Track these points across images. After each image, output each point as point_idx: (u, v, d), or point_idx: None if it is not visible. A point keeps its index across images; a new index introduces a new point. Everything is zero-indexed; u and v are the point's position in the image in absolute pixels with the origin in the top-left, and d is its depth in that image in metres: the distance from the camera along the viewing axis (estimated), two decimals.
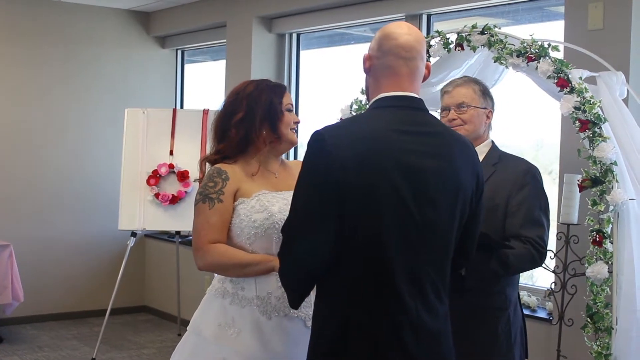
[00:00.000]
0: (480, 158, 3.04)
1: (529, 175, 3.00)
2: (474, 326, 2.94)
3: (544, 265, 3.08)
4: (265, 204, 2.64)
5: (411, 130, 2.18)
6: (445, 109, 3.14)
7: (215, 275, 2.77)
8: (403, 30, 2.26)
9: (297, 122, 2.79)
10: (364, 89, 2.39)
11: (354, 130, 2.18)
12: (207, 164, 2.78)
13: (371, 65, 2.29)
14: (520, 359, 3.07)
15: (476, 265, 2.81)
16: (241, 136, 2.71)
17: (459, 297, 2.89)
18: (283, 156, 2.86)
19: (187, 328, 2.78)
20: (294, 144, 2.79)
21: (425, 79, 2.32)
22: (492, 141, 3.17)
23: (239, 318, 2.64)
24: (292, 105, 2.79)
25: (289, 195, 2.60)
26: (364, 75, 2.35)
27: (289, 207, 2.41)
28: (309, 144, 2.17)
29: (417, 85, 2.27)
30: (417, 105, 2.25)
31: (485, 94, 3.14)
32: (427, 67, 2.33)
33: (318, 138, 2.15)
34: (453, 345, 2.32)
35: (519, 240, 2.90)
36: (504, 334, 2.99)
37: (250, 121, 2.70)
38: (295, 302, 2.31)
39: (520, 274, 3.16)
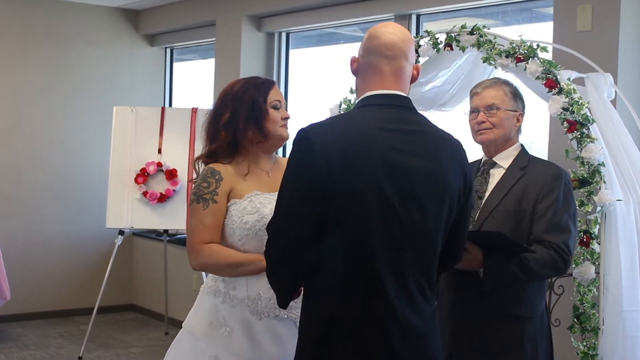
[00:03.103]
0: (509, 162, 3.01)
1: (558, 180, 2.90)
2: (498, 334, 2.89)
3: None
4: (257, 205, 2.64)
5: (397, 129, 2.18)
6: (474, 111, 3.06)
7: (209, 274, 2.77)
8: (388, 30, 2.27)
9: (286, 118, 2.78)
10: (355, 89, 2.39)
11: (340, 128, 2.18)
12: (202, 165, 2.77)
13: (358, 66, 2.30)
14: None
15: (495, 267, 2.78)
16: (230, 138, 2.70)
17: (477, 300, 2.87)
18: (280, 152, 2.86)
19: (182, 325, 2.80)
20: (284, 140, 2.78)
21: (414, 80, 2.32)
22: (522, 145, 3.09)
23: (229, 317, 2.64)
24: (279, 101, 2.77)
25: None
26: (353, 76, 2.35)
27: None
28: (295, 142, 2.17)
29: (402, 84, 2.27)
30: (403, 104, 2.24)
31: (516, 96, 3.05)
32: (417, 69, 2.32)
33: (304, 136, 2.15)
34: (441, 347, 2.32)
35: (542, 245, 2.81)
36: (530, 343, 2.90)
37: (235, 123, 2.69)
38: (282, 302, 2.31)
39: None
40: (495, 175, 3.02)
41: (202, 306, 2.73)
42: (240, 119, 2.69)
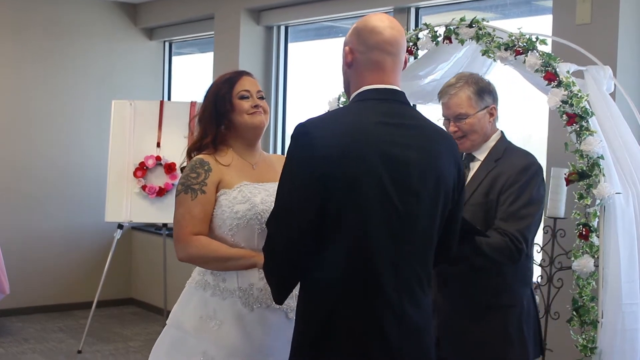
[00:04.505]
0: (485, 154, 3.01)
1: (525, 172, 2.89)
2: (483, 324, 2.90)
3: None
4: (248, 195, 2.63)
5: (394, 123, 2.18)
6: (445, 119, 3.05)
7: (196, 267, 2.76)
8: (386, 24, 2.25)
9: (256, 105, 2.73)
10: (343, 82, 2.36)
11: (338, 122, 2.18)
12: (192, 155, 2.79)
13: (354, 59, 2.27)
14: (534, 357, 3.00)
15: None
16: (202, 133, 2.75)
17: (460, 291, 2.88)
18: (279, 149, 2.86)
19: (167, 322, 2.76)
20: (257, 127, 2.75)
21: (403, 68, 2.32)
22: (502, 132, 3.07)
23: (220, 310, 2.63)
24: (248, 90, 2.74)
25: (270, 187, 2.62)
26: (346, 67, 2.32)
27: (271, 198, 2.46)
28: (293, 137, 2.17)
29: (399, 78, 2.28)
30: (399, 98, 2.25)
31: (483, 92, 3.01)
32: (405, 58, 2.33)
33: (302, 130, 2.14)
34: (434, 340, 2.33)
35: (497, 232, 2.82)
36: (515, 331, 2.91)
37: (204, 119, 2.75)
38: (279, 297, 2.30)
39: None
40: (473, 168, 3.03)
41: (189, 301, 2.71)
42: (206, 116, 2.74)
